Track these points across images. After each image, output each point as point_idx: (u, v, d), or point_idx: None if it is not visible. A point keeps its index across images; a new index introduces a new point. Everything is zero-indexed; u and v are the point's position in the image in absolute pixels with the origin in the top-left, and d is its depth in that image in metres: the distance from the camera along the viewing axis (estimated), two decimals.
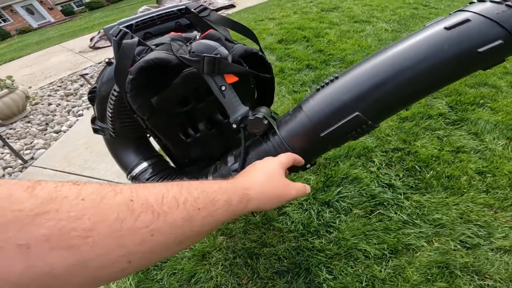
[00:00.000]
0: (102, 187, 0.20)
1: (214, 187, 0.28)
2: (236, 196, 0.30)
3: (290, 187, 0.37)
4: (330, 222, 1.07)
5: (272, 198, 0.35)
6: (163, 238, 0.21)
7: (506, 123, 1.32)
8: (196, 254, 1.05)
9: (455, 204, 1.03)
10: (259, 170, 0.37)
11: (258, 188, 0.34)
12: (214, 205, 0.26)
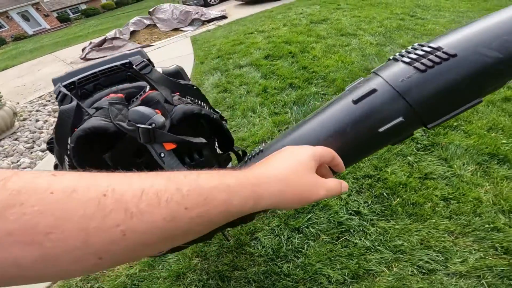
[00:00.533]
0: (80, 177, 0.19)
1: (213, 182, 0.24)
2: (241, 195, 0.25)
3: (319, 185, 0.29)
4: (298, 248, 1.14)
5: (292, 198, 0.28)
6: (139, 237, 0.19)
7: (477, 148, 1.40)
8: (172, 274, 1.12)
9: (417, 230, 1.10)
10: (284, 158, 0.30)
11: (275, 183, 0.27)
12: (207, 205, 0.23)
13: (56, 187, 0.18)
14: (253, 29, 4.20)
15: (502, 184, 1.21)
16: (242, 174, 0.27)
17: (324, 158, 0.32)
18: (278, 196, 0.27)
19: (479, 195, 1.17)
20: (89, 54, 4.85)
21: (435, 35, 2.63)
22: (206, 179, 0.24)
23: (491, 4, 4.52)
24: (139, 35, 5.21)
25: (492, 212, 1.10)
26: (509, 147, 1.38)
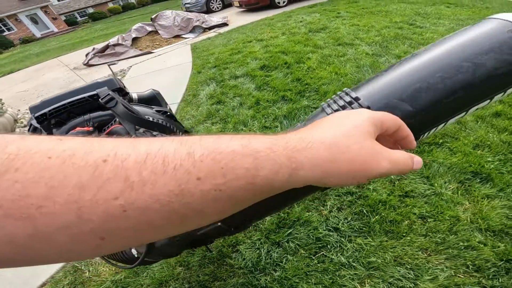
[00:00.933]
0: (86, 141, 0.17)
1: (235, 145, 0.19)
2: (272, 162, 0.19)
3: (380, 154, 0.22)
4: (277, 261, 1.19)
5: (343, 170, 0.21)
6: (142, 215, 0.16)
7: (461, 166, 1.44)
8: (155, 282, 1.19)
9: (392, 247, 1.14)
10: (333, 121, 0.24)
11: (321, 149, 0.21)
12: (225, 175, 0.18)
13: (56, 151, 0.16)
14: (252, 37, 4.32)
15: (482, 203, 1.25)
16: (275, 137, 0.21)
17: (386, 125, 0.25)
18: (325, 166, 0.21)
19: (457, 214, 1.21)
20: (91, 60, 5.04)
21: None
22: (226, 142, 0.19)
23: (493, 11, 4.57)
24: (141, 41, 5.41)
25: (469, 230, 1.14)
26: (494, 165, 1.42)
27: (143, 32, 5.58)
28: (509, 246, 1.07)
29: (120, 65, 4.51)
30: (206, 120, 2.24)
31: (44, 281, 1.28)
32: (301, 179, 0.21)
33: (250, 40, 4.20)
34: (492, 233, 1.12)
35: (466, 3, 5.27)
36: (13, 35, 21.81)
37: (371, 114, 0.24)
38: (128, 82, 3.68)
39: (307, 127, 0.24)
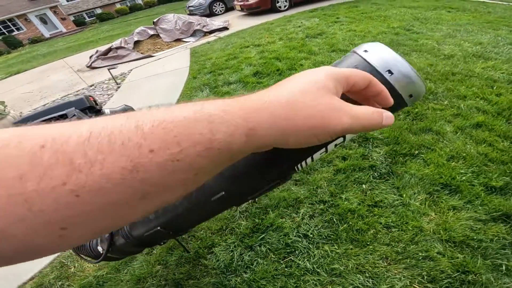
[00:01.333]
0: (18, 131, 0.16)
1: (187, 112, 0.18)
2: (228, 125, 0.19)
3: (340, 111, 0.21)
4: (248, 264, 1.27)
5: (302, 128, 0.21)
6: (98, 197, 0.15)
7: (432, 178, 1.49)
8: (133, 278, 1.30)
9: (355, 255, 1.21)
10: (292, 80, 0.23)
11: (277, 108, 0.20)
12: (180, 143, 0.17)
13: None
14: (250, 42, 4.42)
15: (447, 214, 1.30)
16: (232, 100, 0.21)
17: (353, 80, 0.23)
18: (282, 124, 0.20)
19: (421, 224, 1.27)
20: (94, 63, 5.23)
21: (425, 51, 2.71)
22: (178, 110, 0.18)
23: (494, 16, 4.55)
24: (142, 45, 5.58)
25: (430, 241, 1.20)
26: (466, 177, 1.47)
27: (145, 36, 5.75)
28: (468, 258, 1.12)
29: (121, 69, 4.67)
30: None
31: (33, 275, 1.39)
32: (260, 140, 0.20)
33: (247, 45, 4.31)
34: (453, 244, 1.18)
35: (468, 8, 5.25)
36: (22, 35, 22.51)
37: (333, 70, 0.23)
38: (128, 86, 3.83)
39: (266, 89, 0.23)
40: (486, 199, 1.34)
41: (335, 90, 0.22)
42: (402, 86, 0.27)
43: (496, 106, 2.01)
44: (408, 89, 0.28)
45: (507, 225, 1.23)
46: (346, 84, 0.23)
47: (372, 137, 1.83)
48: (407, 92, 0.28)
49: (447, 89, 2.30)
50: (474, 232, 1.21)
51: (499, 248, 1.14)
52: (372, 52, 0.29)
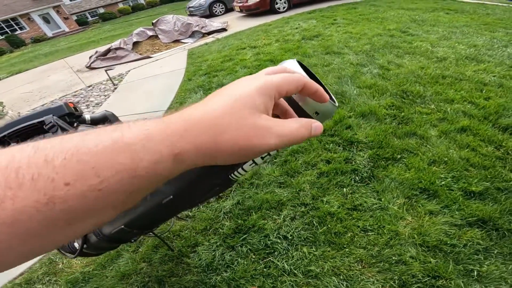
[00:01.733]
0: None
1: (106, 140, 0.18)
2: (151, 152, 0.18)
3: (266, 131, 0.21)
4: (229, 263, 1.32)
5: (228, 150, 0.21)
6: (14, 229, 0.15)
7: (411, 182, 1.52)
8: (118, 274, 1.35)
9: (332, 258, 1.25)
10: (221, 94, 0.23)
11: (202, 131, 0.20)
12: (99, 175, 0.17)
13: None
14: (247, 44, 4.46)
15: (424, 219, 1.33)
16: (156, 122, 0.20)
17: (285, 89, 0.23)
18: (207, 148, 0.20)
19: (397, 228, 1.30)
20: (94, 63, 5.30)
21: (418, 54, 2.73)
22: (94, 138, 0.18)
23: (493, 18, 4.55)
24: (141, 46, 5.64)
25: (404, 245, 1.23)
26: (445, 182, 1.50)
27: (144, 37, 5.81)
28: (440, 262, 1.15)
29: (119, 70, 4.73)
30: None
31: (22, 271, 1.46)
32: (188, 163, 0.20)
33: (244, 47, 4.34)
34: (426, 249, 1.21)
35: (467, 10, 5.25)
36: (25, 34, 22.74)
37: (265, 82, 0.23)
38: (124, 87, 3.89)
39: (200, 102, 0.22)
40: (464, 204, 1.37)
41: (263, 107, 0.22)
42: (306, 104, 0.28)
43: (483, 110, 2.03)
44: (313, 107, 0.28)
45: (483, 230, 1.26)
46: (278, 95, 0.23)
47: (357, 141, 1.86)
48: (312, 109, 0.29)
49: (436, 93, 2.32)
50: (449, 237, 1.24)
51: (472, 253, 1.17)
52: None
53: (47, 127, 0.73)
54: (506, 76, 2.51)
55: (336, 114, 2.14)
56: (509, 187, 1.43)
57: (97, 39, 10.81)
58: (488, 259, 1.15)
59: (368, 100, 2.31)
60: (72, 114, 0.86)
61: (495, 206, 1.34)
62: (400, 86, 2.46)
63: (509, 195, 1.39)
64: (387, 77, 2.69)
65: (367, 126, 2.01)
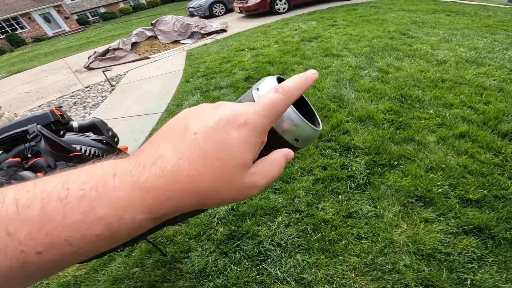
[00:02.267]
0: None
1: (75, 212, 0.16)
2: (128, 226, 0.17)
3: (249, 189, 0.21)
4: (222, 270, 1.31)
5: (212, 206, 0.21)
6: None
7: (407, 189, 1.51)
8: (110, 279, 1.35)
9: (326, 266, 1.24)
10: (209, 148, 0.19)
11: (186, 200, 0.18)
12: (73, 245, 0.16)
13: None
14: (246, 45, 4.46)
15: (419, 226, 1.33)
16: (131, 186, 0.17)
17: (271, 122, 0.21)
18: (193, 206, 0.19)
19: (391, 236, 1.29)
20: (92, 64, 5.31)
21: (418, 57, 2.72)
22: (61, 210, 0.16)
23: (494, 20, 4.53)
24: (140, 46, 5.65)
25: (399, 253, 1.23)
26: (442, 190, 1.49)
27: (142, 37, 5.82)
28: (433, 271, 1.15)
29: (118, 70, 4.74)
30: None
31: None
32: (171, 216, 0.19)
33: (243, 48, 4.34)
34: (420, 257, 1.20)
35: (468, 11, 5.24)
36: (26, 34, 22.82)
37: (252, 131, 0.20)
38: (122, 88, 3.90)
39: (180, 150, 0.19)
40: (460, 212, 1.36)
41: (251, 161, 0.20)
42: (284, 130, 0.26)
43: (483, 116, 2.02)
44: (293, 135, 0.26)
45: (478, 238, 1.25)
46: (264, 136, 0.22)
47: (354, 147, 1.86)
48: (291, 137, 0.27)
49: (435, 97, 2.31)
50: (443, 245, 1.23)
51: (466, 261, 1.16)
52: (263, 92, 0.28)
53: (30, 137, 0.72)
54: (506, 80, 2.50)
55: (334, 119, 2.13)
56: (507, 195, 1.42)
57: (97, 39, 10.85)
58: (482, 268, 1.14)
59: (366, 105, 2.30)
60: (58, 121, 0.85)
61: (492, 214, 1.33)
62: (399, 90, 2.45)
63: (506, 203, 1.38)
64: (386, 80, 2.68)
65: (365, 131, 2.00)
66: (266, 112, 0.20)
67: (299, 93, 0.22)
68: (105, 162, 0.19)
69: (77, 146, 0.82)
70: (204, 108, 0.22)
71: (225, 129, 0.19)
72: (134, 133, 2.52)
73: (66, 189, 0.17)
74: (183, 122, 0.20)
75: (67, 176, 0.18)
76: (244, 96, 0.29)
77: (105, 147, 0.91)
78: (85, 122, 0.95)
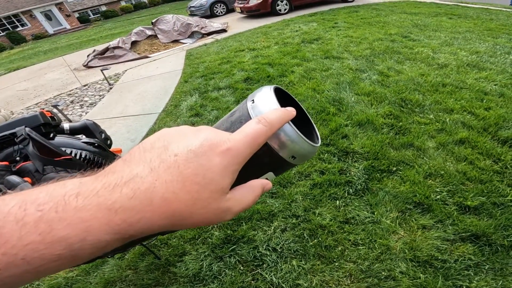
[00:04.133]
0: None
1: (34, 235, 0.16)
2: (94, 244, 0.17)
3: (224, 213, 0.21)
4: (216, 274, 1.30)
5: (186, 227, 0.20)
6: None
7: (406, 196, 1.50)
8: (102, 281, 1.34)
9: (321, 272, 1.23)
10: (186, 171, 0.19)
11: (161, 221, 0.18)
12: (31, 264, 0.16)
13: None
14: (246, 46, 4.46)
15: (416, 233, 1.32)
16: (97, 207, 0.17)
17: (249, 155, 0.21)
18: (165, 228, 0.19)
19: (388, 242, 1.29)
20: (91, 62, 5.31)
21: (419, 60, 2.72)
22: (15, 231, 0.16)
23: (496, 23, 4.53)
24: (139, 45, 5.65)
25: (395, 260, 1.22)
26: (440, 196, 1.48)
27: (142, 36, 5.83)
28: (429, 278, 1.14)
29: (117, 69, 4.74)
30: None
31: None
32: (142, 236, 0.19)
33: (243, 49, 4.35)
34: (416, 264, 1.20)
35: (470, 15, 5.24)
36: (26, 31, 22.85)
37: (234, 159, 0.20)
38: (120, 87, 3.89)
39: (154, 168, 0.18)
40: (458, 218, 1.35)
41: (228, 186, 0.20)
42: (281, 147, 0.25)
43: (483, 122, 2.01)
44: (290, 152, 0.25)
45: (475, 245, 1.24)
46: (242, 163, 0.21)
47: (353, 151, 1.85)
48: (288, 154, 0.25)
49: (435, 102, 2.30)
50: (440, 252, 1.22)
51: (462, 268, 1.15)
52: (259, 106, 0.26)
53: (18, 140, 0.72)
54: (508, 85, 2.50)
55: (333, 122, 2.13)
56: (506, 202, 1.42)
57: (97, 37, 10.86)
58: (479, 275, 1.13)
59: (366, 108, 2.30)
60: (48, 124, 0.84)
61: (490, 221, 1.33)
62: (399, 94, 2.45)
63: (505, 210, 1.38)
64: (386, 84, 2.68)
65: (364, 135, 1.99)
66: (248, 141, 0.21)
67: (280, 125, 0.23)
68: (69, 181, 0.18)
69: (67, 150, 0.82)
70: (186, 130, 0.22)
71: (207, 154, 0.19)
72: (130, 133, 2.51)
73: (23, 210, 0.16)
74: (163, 143, 0.20)
75: (26, 196, 0.17)
76: (239, 108, 0.28)
77: (97, 150, 0.90)
78: (76, 124, 0.95)
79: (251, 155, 0.22)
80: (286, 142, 0.25)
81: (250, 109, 0.26)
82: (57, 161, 0.74)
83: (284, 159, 0.25)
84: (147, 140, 0.21)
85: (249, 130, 0.21)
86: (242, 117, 0.27)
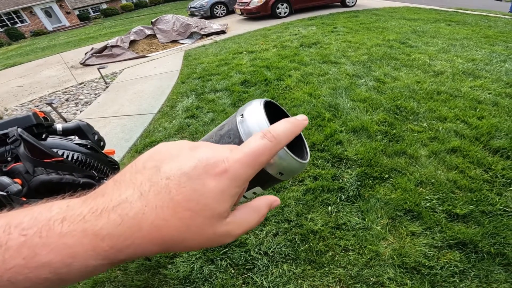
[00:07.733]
0: None
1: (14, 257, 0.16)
2: (83, 269, 0.17)
3: (221, 238, 0.20)
4: (207, 277, 1.32)
5: (179, 250, 0.19)
6: None
7: (396, 203, 1.53)
8: (90, 281, 1.34)
9: (312, 276, 1.25)
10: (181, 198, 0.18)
11: (151, 247, 0.18)
12: (16, 285, 0.16)
13: None
14: (244, 48, 4.50)
15: (405, 240, 1.35)
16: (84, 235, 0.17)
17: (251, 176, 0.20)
18: (154, 254, 0.19)
19: (378, 249, 1.31)
20: (88, 60, 5.32)
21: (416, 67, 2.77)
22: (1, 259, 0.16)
23: (494, 31, 4.61)
24: (138, 44, 5.67)
25: (384, 266, 1.24)
26: (430, 204, 1.51)
27: (141, 35, 5.85)
28: (416, 284, 1.17)
29: (113, 68, 4.75)
30: (176, 134, 2.40)
31: None
32: (132, 260, 0.19)
33: (241, 51, 4.38)
34: (404, 270, 1.22)
35: (469, 22, 5.33)
36: (25, 28, 22.76)
37: (232, 181, 0.19)
38: (116, 86, 3.91)
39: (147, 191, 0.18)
40: (446, 226, 1.39)
41: (227, 211, 0.19)
42: (268, 163, 0.24)
43: (475, 131, 2.05)
44: (277, 169, 0.25)
45: (462, 252, 1.27)
46: (243, 187, 0.20)
47: (346, 158, 1.88)
48: (276, 171, 0.25)
49: (429, 110, 2.35)
50: (427, 258, 1.25)
51: (448, 275, 1.18)
52: (247, 121, 0.26)
53: (10, 141, 0.73)
54: (501, 93, 2.55)
55: (328, 128, 2.16)
56: (494, 210, 1.45)
57: (96, 35, 10.86)
58: (464, 282, 1.16)
59: (361, 115, 2.33)
60: (41, 124, 0.86)
61: (478, 229, 1.36)
62: (394, 101, 2.49)
63: (493, 219, 1.41)
64: (382, 90, 2.72)
65: (358, 142, 2.03)
66: (249, 160, 0.19)
67: (288, 140, 0.21)
68: (56, 204, 0.18)
69: (59, 151, 0.84)
70: (182, 146, 0.20)
71: (201, 177, 0.18)
72: (125, 133, 2.53)
73: (7, 234, 0.16)
74: (155, 163, 0.19)
75: (11, 219, 0.17)
76: (228, 121, 0.28)
77: (89, 152, 0.92)
78: (69, 125, 0.96)
79: (254, 175, 0.20)
80: (273, 158, 0.23)
81: (239, 123, 0.26)
82: (47, 163, 0.75)
83: (271, 175, 0.25)
84: (140, 158, 0.20)
85: (252, 147, 0.19)
86: (231, 131, 0.27)
